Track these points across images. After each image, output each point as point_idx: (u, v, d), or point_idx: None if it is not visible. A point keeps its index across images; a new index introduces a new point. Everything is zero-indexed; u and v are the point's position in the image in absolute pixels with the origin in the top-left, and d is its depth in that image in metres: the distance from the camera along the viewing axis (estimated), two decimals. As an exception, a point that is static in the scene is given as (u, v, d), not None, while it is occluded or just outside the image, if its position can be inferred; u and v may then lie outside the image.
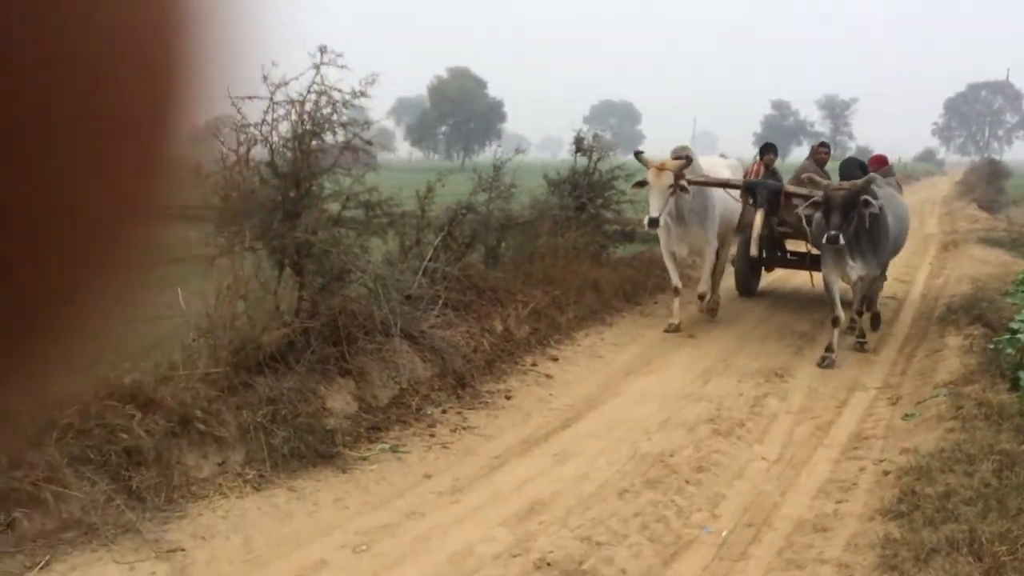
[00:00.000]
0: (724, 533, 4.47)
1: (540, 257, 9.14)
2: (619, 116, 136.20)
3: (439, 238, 7.68)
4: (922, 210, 25.02)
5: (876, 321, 9.28)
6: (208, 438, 4.75)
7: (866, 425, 6.26)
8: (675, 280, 8.96)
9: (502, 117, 78.11)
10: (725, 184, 9.07)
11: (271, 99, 5.66)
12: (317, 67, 5.67)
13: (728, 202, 9.34)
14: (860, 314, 8.42)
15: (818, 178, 8.27)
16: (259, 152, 5.77)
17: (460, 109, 75.05)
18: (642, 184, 8.68)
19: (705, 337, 8.79)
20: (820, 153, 10.09)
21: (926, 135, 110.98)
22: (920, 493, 4.36)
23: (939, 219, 23.67)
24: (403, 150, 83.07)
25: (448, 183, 7.88)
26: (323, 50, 5.68)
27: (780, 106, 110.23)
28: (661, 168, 8.25)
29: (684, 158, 8.44)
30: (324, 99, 5.59)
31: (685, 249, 9.02)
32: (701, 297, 9.17)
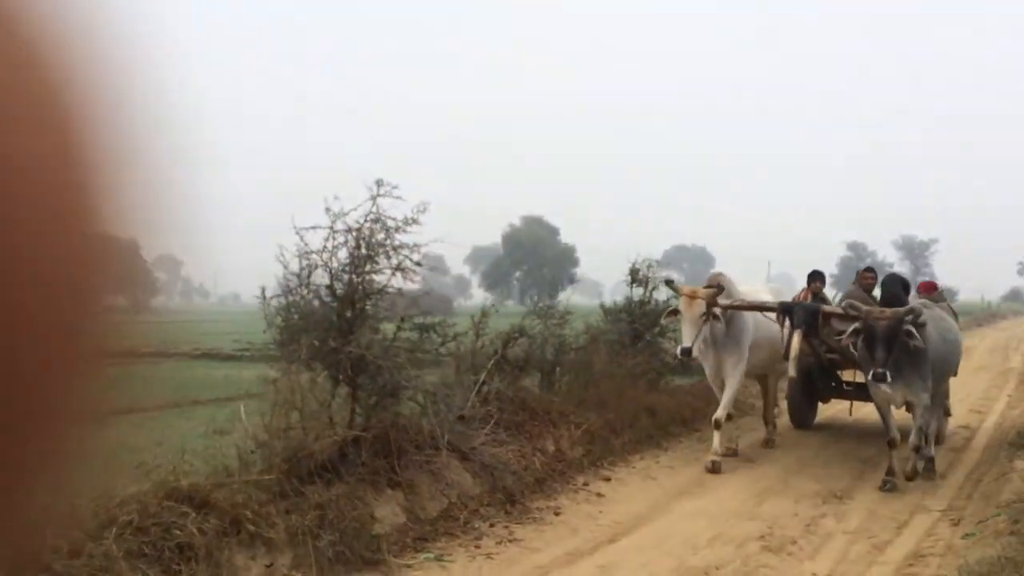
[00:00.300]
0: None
1: (595, 382, 9.29)
2: (692, 260, 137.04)
3: (492, 360, 7.95)
4: (1007, 345, 24.71)
5: (930, 466, 8.12)
6: (257, 540, 4.95)
7: (925, 544, 6.08)
8: (719, 410, 8.50)
9: (574, 262, 79.47)
10: (761, 307, 8.75)
11: (331, 228, 6.16)
12: (374, 198, 6.17)
13: (773, 329, 8.97)
14: (917, 449, 7.71)
15: (860, 304, 7.79)
16: (319, 276, 6.24)
17: (533, 255, 76.81)
18: (675, 313, 8.39)
19: (763, 460, 8.70)
20: (866, 279, 9.81)
21: (1012, 274, 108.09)
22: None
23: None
24: (478, 296, 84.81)
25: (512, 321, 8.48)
26: (379, 183, 6.21)
27: (856, 247, 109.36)
28: (693, 296, 8.10)
29: (716, 286, 8.34)
30: (378, 226, 6.04)
31: (720, 379, 8.67)
32: (717, 425, 8.38)
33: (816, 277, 10.14)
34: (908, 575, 5.43)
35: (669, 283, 8.91)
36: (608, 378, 9.41)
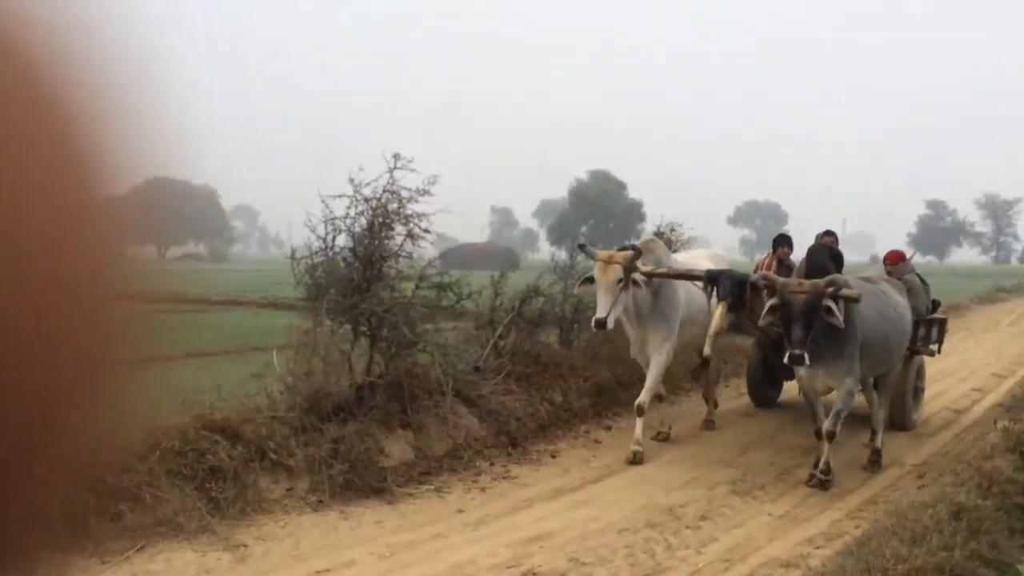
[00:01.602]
0: (700, 565, 5.10)
1: (611, 339, 9.93)
2: (764, 217, 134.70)
3: (509, 317, 8.69)
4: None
5: (876, 459, 7.42)
6: (279, 467, 5.86)
7: (883, 493, 6.67)
8: (643, 393, 7.67)
9: (641, 217, 79.30)
10: (685, 276, 7.68)
11: (353, 196, 6.95)
12: (390, 170, 6.93)
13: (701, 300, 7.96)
14: (831, 437, 6.70)
15: (773, 275, 6.93)
16: (342, 239, 7.06)
17: (599, 210, 76.99)
18: (591, 281, 7.28)
19: (747, 421, 9.28)
20: (824, 244, 8.14)
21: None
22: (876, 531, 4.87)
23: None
24: (545, 250, 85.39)
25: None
26: (396, 156, 6.95)
27: (936, 206, 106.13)
28: (608, 261, 7.06)
29: (633, 248, 7.29)
30: (393, 196, 6.80)
31: (645, 356, 7.77)
32: (639, 411, 7.51)
33: (782, 241, 9.18)
34: (855, 518, 6.04)
35: (582, 248, 7.76)
36: (624, 335, 10.03)
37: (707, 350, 7.66)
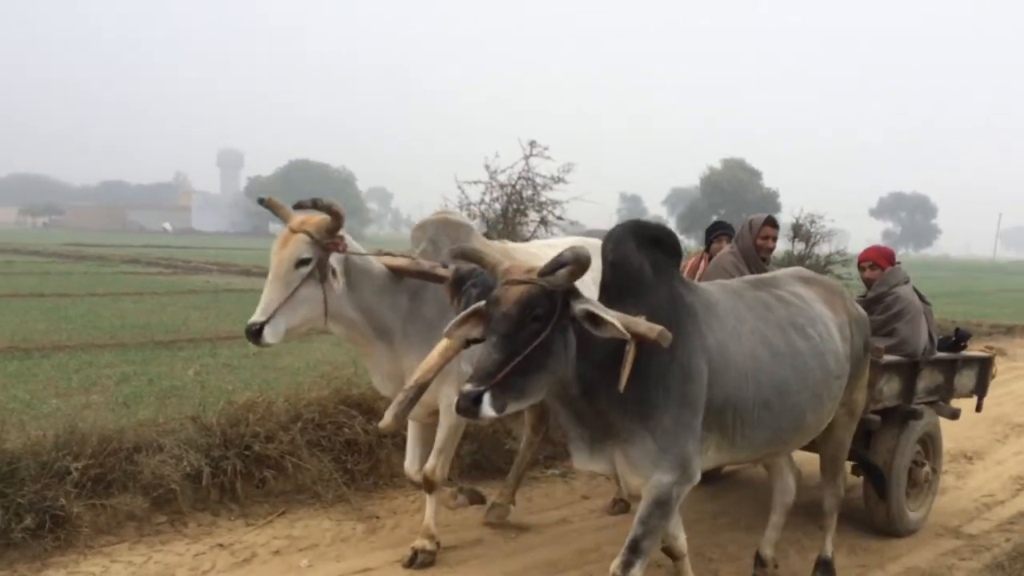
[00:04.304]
0: None
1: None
2: (910, 209, 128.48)
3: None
4: None
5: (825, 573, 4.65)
6: (411, 444, 6.03)
7: None
8: (431, 458, 4.68)
9: (776, 208, 76.94)
10: (425, 275, 4.29)
11: (489, 183, 7.06)
12: (526, 158, 7.00)
13: None
14: (633, 551, 3.34)
15: (491, 254, 3.49)
16: (477, 225, 7.17)
17: (732, 199, 75.19)
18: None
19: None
20: (761, 237, 5.64)
21: None
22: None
23: None
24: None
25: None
26: (532, 144, 7.01)
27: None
28: (298, 229, 4.03)
29: (329, 211, 4.01)
30: (527, 182, 6.87)
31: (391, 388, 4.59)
32: (428, 485, 4.67)
33: (721, 233, 6.46)
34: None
35: (261, 201, 4.29)
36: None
37: (388, 417, 3.53)
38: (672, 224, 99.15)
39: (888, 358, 5.12)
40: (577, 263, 2.88)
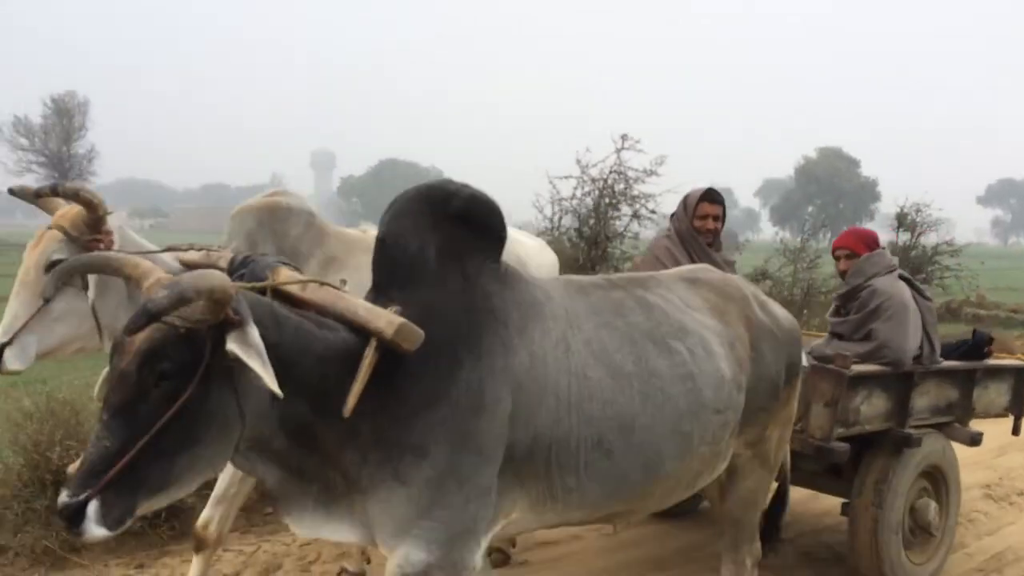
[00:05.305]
0: None
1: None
2: (1021, 196, 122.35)
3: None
4: None
5: None
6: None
7: None
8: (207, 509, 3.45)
9: (875, 197, 74.50)
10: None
11: (580, 178, 7.05)
12: (618, 151, 6.95)
13: None
14: None
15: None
16: (568, 220, 7.18)
17: (828, 189, 73.14)
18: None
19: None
20: (699, 217, 4.33)
21: None
22: None
23: None
24: (767, 231, 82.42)
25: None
26: (624, 137, 6.96)
27: None
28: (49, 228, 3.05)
29: (78, 199, 2.98)
30: (619, 176, 6.83)
31: None
32: (198, 544, 3.42)
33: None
34: None
35: (11, 191, 3.27)
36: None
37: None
38: (764, 216, 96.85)
39: (861, 368, 3.88)
40: (208, 289, 1.78)
